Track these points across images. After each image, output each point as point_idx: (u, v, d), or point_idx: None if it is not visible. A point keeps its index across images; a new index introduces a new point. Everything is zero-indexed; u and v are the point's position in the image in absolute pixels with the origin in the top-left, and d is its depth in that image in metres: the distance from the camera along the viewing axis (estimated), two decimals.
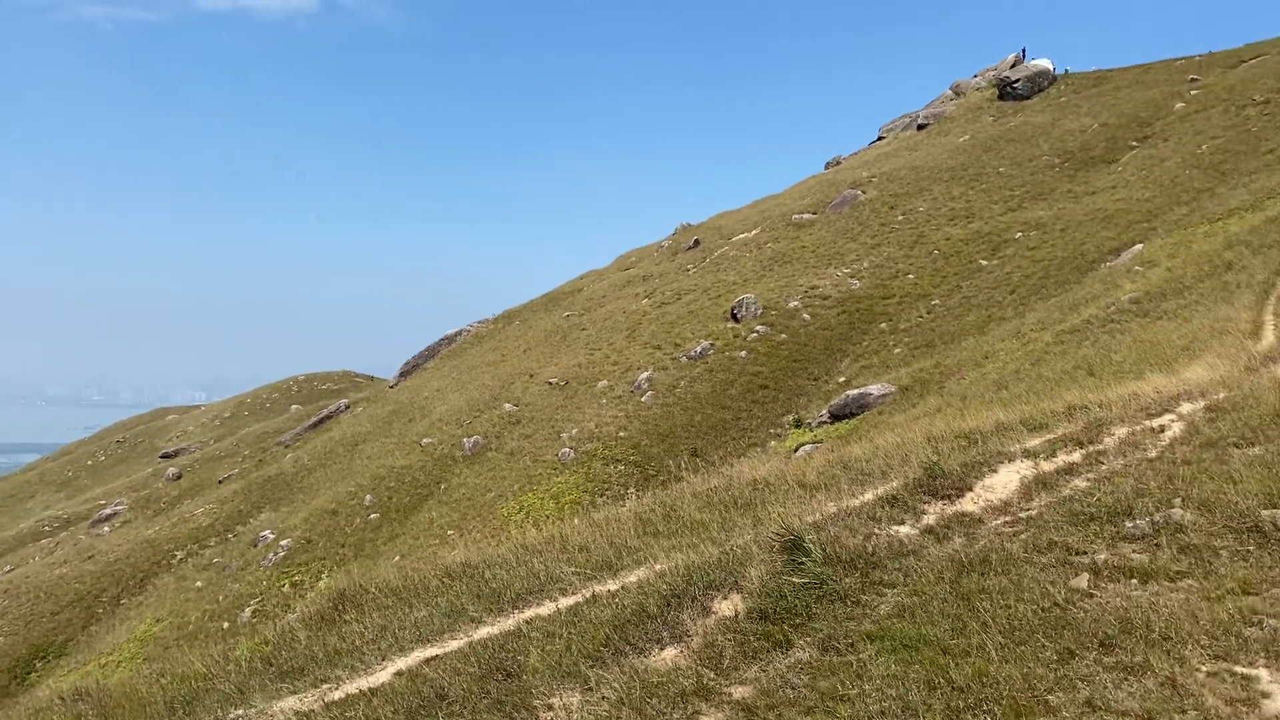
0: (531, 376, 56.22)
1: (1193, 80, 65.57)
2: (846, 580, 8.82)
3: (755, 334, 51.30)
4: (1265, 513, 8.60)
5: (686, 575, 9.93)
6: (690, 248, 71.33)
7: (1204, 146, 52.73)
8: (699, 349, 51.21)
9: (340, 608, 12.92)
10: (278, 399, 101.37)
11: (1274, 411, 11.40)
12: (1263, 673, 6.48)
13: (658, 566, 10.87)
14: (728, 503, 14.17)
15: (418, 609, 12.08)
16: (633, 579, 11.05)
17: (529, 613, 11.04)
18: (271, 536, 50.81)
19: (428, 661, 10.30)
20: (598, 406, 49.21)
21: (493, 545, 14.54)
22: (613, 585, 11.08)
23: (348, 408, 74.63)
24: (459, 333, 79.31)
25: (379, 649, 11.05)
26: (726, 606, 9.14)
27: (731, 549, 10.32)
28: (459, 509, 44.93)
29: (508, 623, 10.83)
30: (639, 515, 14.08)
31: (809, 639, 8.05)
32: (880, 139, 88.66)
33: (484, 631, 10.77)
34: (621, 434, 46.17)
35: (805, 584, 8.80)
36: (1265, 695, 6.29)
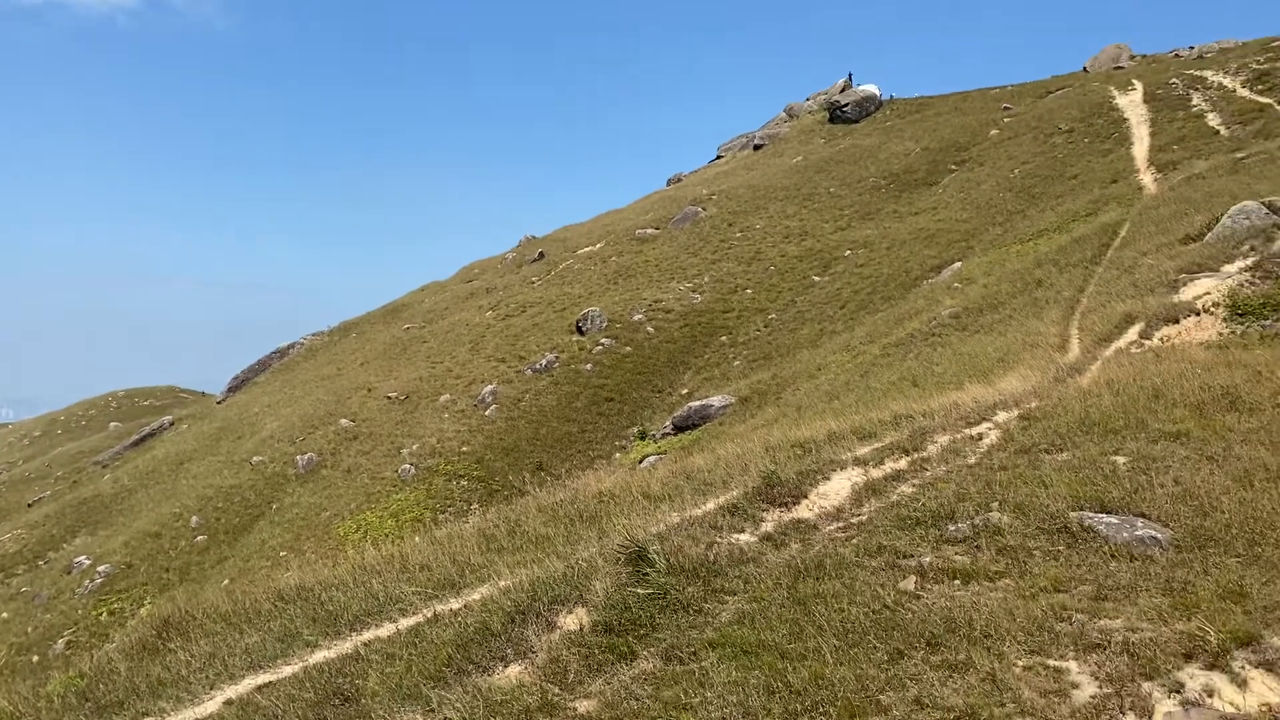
0: (370, 391, 54.74)
1: (1006, 108, 69.96)
2: (689, 589, 8.96)
3: (600, 347, 51.57)
4: (1073, 514, 9.23)
5: (531, 591, 9.87)
6: (535, 260, 71.16)
7: (1016, 171, 56.32)
8: (544, 362, 51.09)
9: (164, 635, 12.22)
10: (95, 416, 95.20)
11: (1080, 419, 12.25)
12: (1072, 665, 6.94)
13: (502, 583, 10.76)
14: (573, 516, 14.16)
15: (249, 634, 11.56)
16: (476, 596, 10.91)
17: (368, 635, 10.73)
18: (88, 562, 47.59)
19: (260, 689, 9.87)
20: (440, 421, 48.37)
21: (329, 566, 14.06)
22: (456, 604, 10.90)
23: (172, 424, 70.83)
24: (292, 346, 76.52)
25: (207, 678, 10.52)
26: (571, 620, 9.13)
27: (577, 562, 10.32)
28: (293, 529, 43.25)
29: (345, 646, 10.50)
30: (483, 531, 13.91)
31: (653, 649, 8.13)
32: (719, 158, 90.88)
33: (320, 655, 10.40)
34: (464, 449, 45.53)
35: (649, 595, 8.89)
36: (1075, 686, 6.73)
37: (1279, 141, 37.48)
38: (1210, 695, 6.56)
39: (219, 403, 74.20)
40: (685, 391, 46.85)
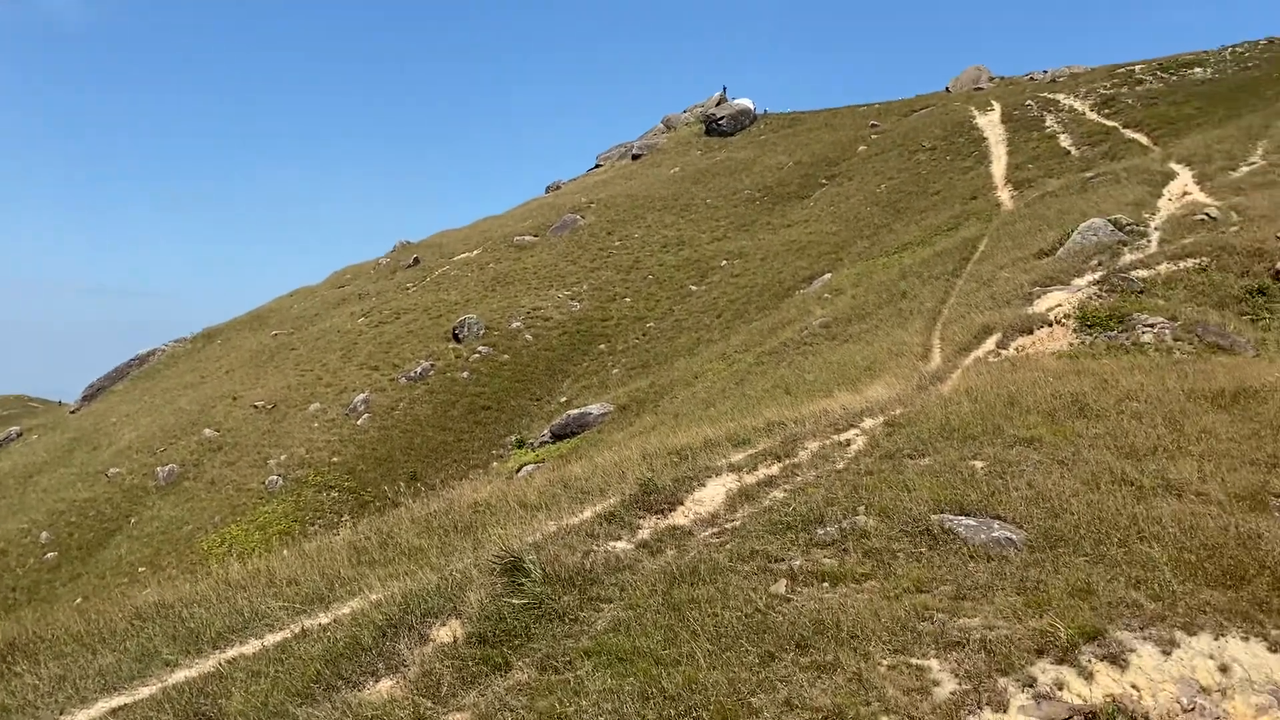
0: (235, 399, 52.81)
1: (873, 126, 72.39)
2: (565, 598, 8.95)
3: (478, 354, 51.05)
4: (935, 517, 9.59)
5: (404, 603, 9.69)
6: (410, 266, 69.96)
7: (883, 186, 58.32)
8: (419, 370, 50.24)
9: (9, 658, 11.51)
10: None
11: (941, 426, 12.75)
12: (934, 663, 7.21)
13: (374, 596, 10.53)
14: (448, 527, 13.98)
15: (103, 655, 11.00)
16: (346, 610, 10.65)
17: (232, 652, 10.35)
18: None
19: (114, 712, 9.41)
20: (309, 430, 47.00)
21: (191, 582, 13.49)
22: (325, 618, 10.62)
23: (20, 435, 66.78)
24: (152, 353, 73.21)
25: (56, 701, 9.96)
26: (445, 633, 9.00)
27: (451, 574, 10.19)
28: (152, 544, 41.34)
29: (207, 664, 10.10)
30: (353, 544, 13.60)
31: (528, 659, 8.08)
32: (598, 166, 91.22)
33: (181, 675, 9.98)
34: (335, 459, 44.36)
35: (525, 605, 8.84)
36: (936, 683, 6.99)
37: (1124, 163, 39.84)
38: (1060, 688, 6.91)
39: (72, 412, 70.40)
40: (564, 399, 46.79)
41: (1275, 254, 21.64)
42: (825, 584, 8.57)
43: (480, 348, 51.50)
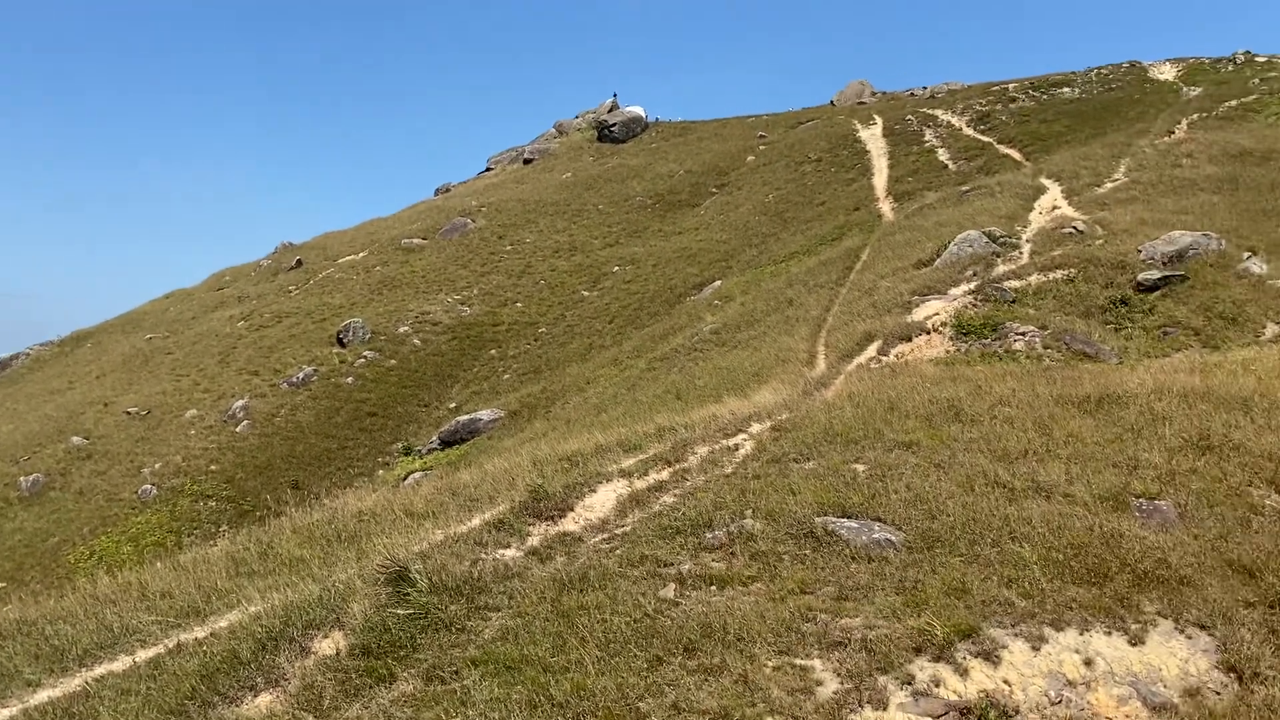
0: (106, 406, 50.47)
1: (761, 136, 73.72)
2: (452, 607, 8.83)
3: (363, 359, 49.99)
4: (818, 520, 9.80)
5: (284, 616, 9.43)
6: (293, 268, 68.06)
7: (770, 196, 59.43)
8: (301, 375, 48.92)
9: None
10: None
11: (825, 430, 13.04)
12: (817, 663, 7.37)
13: (253, 608, 10.20)
14: (331, 536, 13.65)
15: None
16: (224, 624, 10.29)
17: (100, 670, 9.89)
18: None
19: None
20: (185, 438, 45.26)
21: (56, 597, 12.83)
22: (201, 632, 10.24)
23: None
24: (15, 357, 69.38)
25: None
26: (327, 645, 8.79)
27: (334, 585, 9.95)
28: (13, 558, 39.15)
29: (73, 683, 9.63)
30: (231, 555, 13.16)
31: (413, 670, 7.95)
32: (489, 169, 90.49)
33: (43, 695, 9.49)
34: (213, 467, 42.83)
35: (410, 615, 8.69)
36: (819, 683, 7.14)
37: (998, 177, 41.50)
38: (937, 685, 7.14)
39: None
40: (453, 406, 46.21)
41: (1137, 267, 22.84)
42: (713, 587, 8.67)
43: (366, 353, 50.46)
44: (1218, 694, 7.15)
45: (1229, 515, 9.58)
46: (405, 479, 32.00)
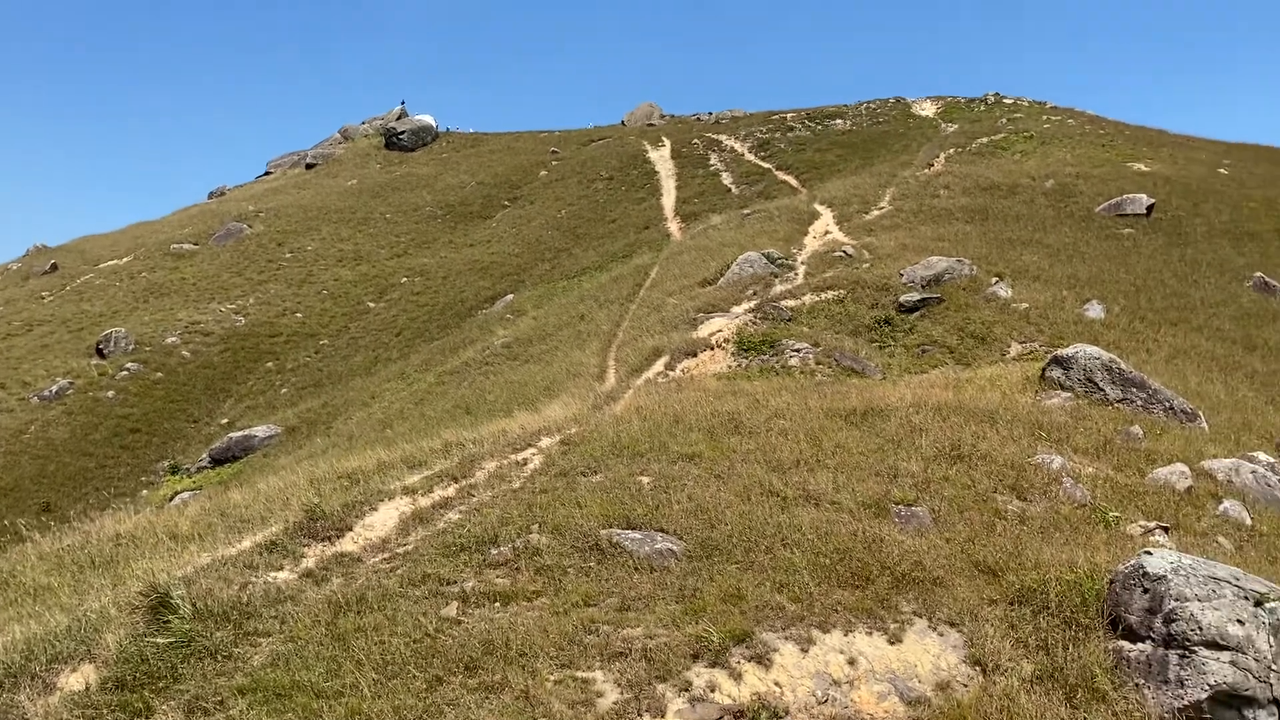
0: None
1: (554, 152, 74.19)
2: (219, 634, 8.35)
3: (126, 372, 46.53)
4: (604, 532, 9.93)
5: (26, 650, 8.63)
6: (46, 272, 62.53)
7: (563, 212, 59.86)
8: (54, 388, 44.97)
9: None
10: None
11: (613, 443, 13.22)
12: (599, 674, 7.44)
13: None
14: (84, 562, 12.63)
15: None
16: None
17: None
18: None
19: None
20: None
21: None
22: None
23: None
24: None
25: None
26: (76, 680, 8.10)
27: (85, 614, 9.21)
28: None
29: None
30: None
31: (173, 702, 7.45)
32: (268, 173, 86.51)
33: None
34: None
35: (171, 643, 8.15)
36: (600, 694, 7.22)
37: (776, 202, 43.55)
38: (713, 690, 7.37)
39: None
40: (226, 421, 43.72)
41: (899, 289, 24.49)
42: (497, 604, 8.61)
43: (129, 364, 47.01)
44: (965, 686, 7.73)
45: (976, 520, 10.41)
46: (172, 499, 30.02)
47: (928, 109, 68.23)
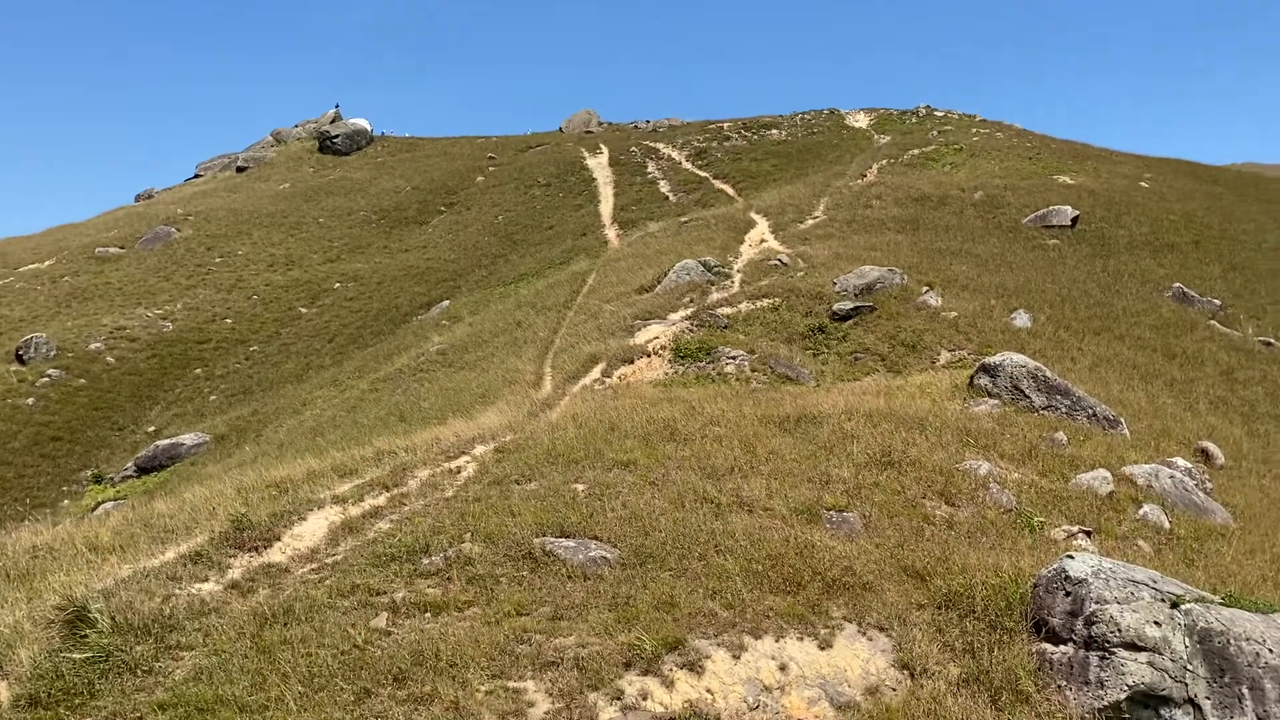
0: None
1: (491, 158, 73.77)
2: (139, 648, 8.12)
3: (47, 379, 45.11)
4: (537, 540, 9.87)
5: None
6: None
7: (500, 218, 59.52)
8: None
9: None
10: None
11: (548, 451, 13.17)
12: (530, 684, 7.39)
13: None
14: None
15: None
16: None
17: None
18: None
19: None
20: None
21: None
22: None
23: None
24: None
25: None
26: None
27: None
28: None
29: None
30: None
31: (90, 719, 7.23)
32: (198, 176, 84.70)
33: None
34: None
35: (89, 659, 7.91)
36: (531, 704, 7.17)
37: (713, 210, 43.81)
38: (645, 698, 7.36)
39: None
40: (152, 429, 42.62)
41: (832, 297, 24.79)
42: (428, 614, 8.50)
43: (50, 371, 45.59)
44: (893, 690, 7.83)
45: (906, 525, 10.57)
46: (95, 509, 29.18)
47: (861, 120, 69.25)
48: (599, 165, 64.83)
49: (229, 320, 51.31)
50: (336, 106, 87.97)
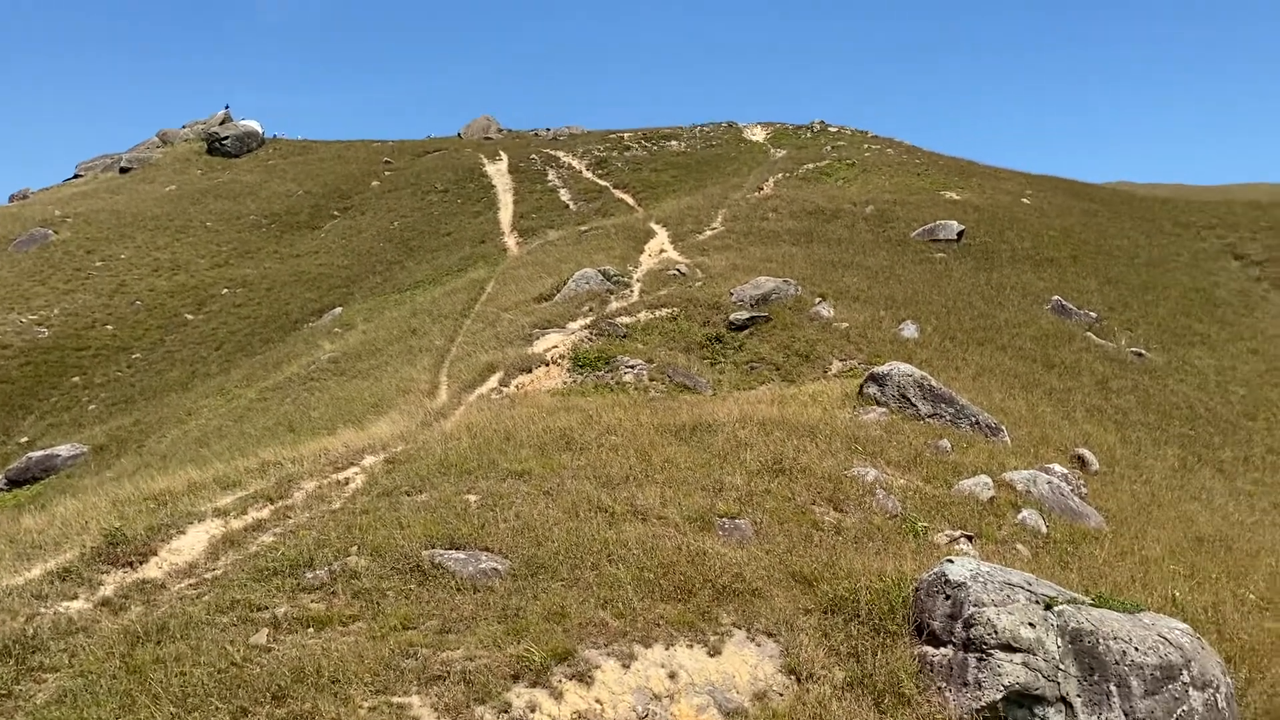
0: None
1: (386, 162, 72.57)
2: None
3: None
4: (426, 553, 9.70)
5: None
6: None
7: (396, 223, 58.55)
8: None
9: None
10: None
11: (440, 461, 12.97)
12: (415, 699, 7.24)
13: None
14: None
15: None
16: None
17: None
18: None
19: None
20: None
21: None
22: None
23: None
24: None
25: None
26: None
27: None
28: None
29: None
30: None
31: None
32: (78, 176, 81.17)
33: None
34: None
35: None
36: (416, 719, 7.02)
37: (613, 220, 43.92)
38: (533, 711, 7.29)
39: None
40: (25, 440, 40.58)
41: (729, 307, 25.08)
42: (310, 630, 8.27)
43: None
44: (781, 695, 7.93)
45: (795, 531, 10.73)
46: None
47: (758, 134, 70.37)
48: (498, 172, 64.38)
49: (110, 326, 49.27)
50: (226, 108, 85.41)
